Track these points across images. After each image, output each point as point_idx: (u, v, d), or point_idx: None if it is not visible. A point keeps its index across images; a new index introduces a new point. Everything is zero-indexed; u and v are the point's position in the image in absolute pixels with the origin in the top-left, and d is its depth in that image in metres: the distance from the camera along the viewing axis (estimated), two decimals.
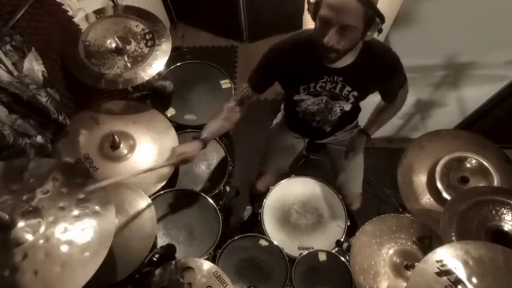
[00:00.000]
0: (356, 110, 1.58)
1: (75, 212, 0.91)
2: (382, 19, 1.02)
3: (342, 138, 1.67)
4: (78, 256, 0.85)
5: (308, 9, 1.08)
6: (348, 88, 1.29)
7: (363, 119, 1.66)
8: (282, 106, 1.73)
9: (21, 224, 0.88)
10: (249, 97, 1.38)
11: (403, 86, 1.37)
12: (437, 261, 0.92)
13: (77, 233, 0.88)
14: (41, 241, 0.87)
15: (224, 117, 1.39)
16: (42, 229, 0.88)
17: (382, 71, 1.25)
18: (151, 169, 1.33)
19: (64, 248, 0.86)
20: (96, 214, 0.91)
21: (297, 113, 1.49)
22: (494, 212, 1.14)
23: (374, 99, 1.44)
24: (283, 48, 1.27)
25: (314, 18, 1.07)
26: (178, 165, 1.37)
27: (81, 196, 0.94)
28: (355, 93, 1.30)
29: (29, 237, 0.87)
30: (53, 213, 0.91)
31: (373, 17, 1.00)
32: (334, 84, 1.28)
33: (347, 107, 1.38)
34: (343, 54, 1.11)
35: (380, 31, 1.05)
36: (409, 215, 1.38)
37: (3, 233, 0.86)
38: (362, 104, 1.50)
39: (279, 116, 1.77)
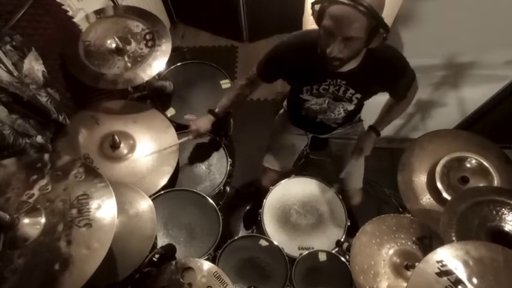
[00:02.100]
0: (360, 106, 1.58)
1: (76, 208, 0.91)
2: (387, 29, 1.00)
3: (344, 132, 1.67)
4: (79, 253, 0.85)
5: (313, 15, 1.07)
6: (351, 91, 1.28)
7: (364, 113, 1.65)
8: (285, 103, 1.73)
9: (25, 221, 0.88)
10: (257, 82, 1.45)
11: (411, 85, 1.35)
12: (437, 262, 0.92)
13: (77, 230, 0.88)
14: (42, 238, 0.87)
15: (236, 94, 1.50)
16: (43, 226, 0.88)
17: (387, 74, 1.24)
18: (170, 146, 1.54)
19: (64, 245, 0.86)
20: (98, 209, 0.91)
21: (300, 109, 1.49)
22: (494, 212, 1.14)
23: (378, 97, 1.43)
24: (289, 48, 1.27)
25: (318, 25, 1.06)
26: (195, 138, 1.58)
27: (81, 192, 0.93)
28: (358, 95, 1.30)
29: (34, 233, 0.87)
30: (54, 209, 0.91)
31: (377, 28, 0.99)
32: (337, 87, 1.28)
33: (350, 107, 1.38)
34: (346, 62, 1.11)
35: (385, 39, 1.04)
36: (409, 215, 1.38)
37: (9, 232, 0.86)
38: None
39: (282, 113, 1.77)
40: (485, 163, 1.36)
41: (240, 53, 3.04)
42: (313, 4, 1.04)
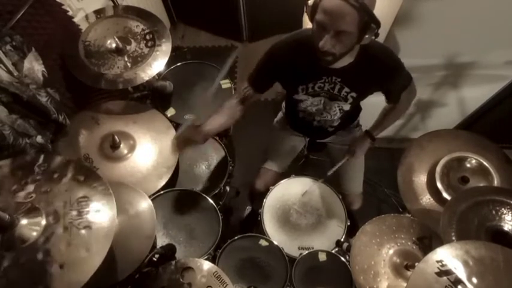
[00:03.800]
0: (356, 109, 1.58)
1: (76, 210, 0.91)
2: (378, 25, 1.02)
3: (342, 138, 1.67)
4: (78, 255, 0.85)
5: (306, 11, 1.08)
6: (346, 89, 1.29)
7: (363, 118, 1.66)
8: (283, 105, 1.73)
9: (24, 221, 0.88)
10: (250, 96, 1.39)
11: (405, 88, 1.34)
12: (437, 261, 0.92)
13: (77, 231, 0.88)
14: (42, 239, 0.87)
15: (225, 115, 1.41)
16: (43, 227, 0.88)
17: (381, 73, 1.24)
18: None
19: (64, 247, 0.86)
20: (97, 212, 0.91)
21: (298, 112, 1.49)
22: (494, 212, 1.14)
23: (375, 100, 1.44)
24: (283, 48, 1.27)
25: (311, 20, 1.07)
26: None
27: (82, 194, 0.93)
28: (353, 94, 1.30)
29: (33, 235, 0.87)
30: (53, 211, 0.91)
31: (368, 23, 1.00)
32: (333, 85, 1.28)
33: (346, 107, 1.38)
34: (339, 57, 1.12)
35: (376, 35, 1.05)
36: (409, 215, 1.38)
37: (7, 232, 0.86)
38: (363, 104, 1.50)
39: (280, 115, 1.77)
40: (485, 163, 1.36)
41: (240, 53, 3.04)
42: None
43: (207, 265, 1.23)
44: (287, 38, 1.28)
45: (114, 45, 1.54)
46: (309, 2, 1.04)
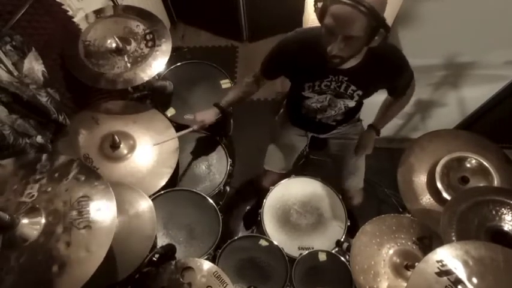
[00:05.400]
0: (359, 104, 1.58)
1: (76, 210, 0.91)
2: (387, 29, 1.01)
3: (344, 132, 1.67)
4: (77, 255, 0.85)
5: (315, 11, 1.08)
6: (352, 87, 1.29)
7: (363, 113, 1.65)
8: (284, 102, 1.73)
9: (24, 221, 0.88)
10: (261, 79, 1.47)
11: (410, 83, 1.37)
12: (437, 261, 0.92)
13: (76, 232, 0.88)
14: (42, 239, 0.87)
15: (242, 91, 1.53)
16: (43, 227, 0.88)
17: (388, 71, 1.25)
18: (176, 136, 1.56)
19: (63, 247, 0.86)
20: (98, 211, 0.91)
21: (300, 108, 1.50)
22: (494, 212, 1.14)
23: (377, 97, 1.44)
24: (290, 45, 1.28)
25: (320, 23, 1.07)
26: (198, 130, 1.60)
27: (82, 193, 0.93)
28: (360, 92, 1.31)
29: (33, 234, 0.87)
30: (53, 211, 0.91)
31: (377, 28, 1.00)
32: (339, 83, 1.29)
33: (351, 104, 1.39)
34: (347, 60, 1.13)
35: (386, 38, 1.05)
36: (409, 215, 1.38)
37: (8, 232, 0.86)
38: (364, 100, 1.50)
39: (281, 113, 1.77)
40: (485, 163, 1.36)
41: (240, 53, 3.04)
42: (315, 1, 1.05)
43: (207, 265, 1.23)
44: (296, 34, 1.27)
45: (114, 45, 1.54)
46: (318, 4, 1.04)
